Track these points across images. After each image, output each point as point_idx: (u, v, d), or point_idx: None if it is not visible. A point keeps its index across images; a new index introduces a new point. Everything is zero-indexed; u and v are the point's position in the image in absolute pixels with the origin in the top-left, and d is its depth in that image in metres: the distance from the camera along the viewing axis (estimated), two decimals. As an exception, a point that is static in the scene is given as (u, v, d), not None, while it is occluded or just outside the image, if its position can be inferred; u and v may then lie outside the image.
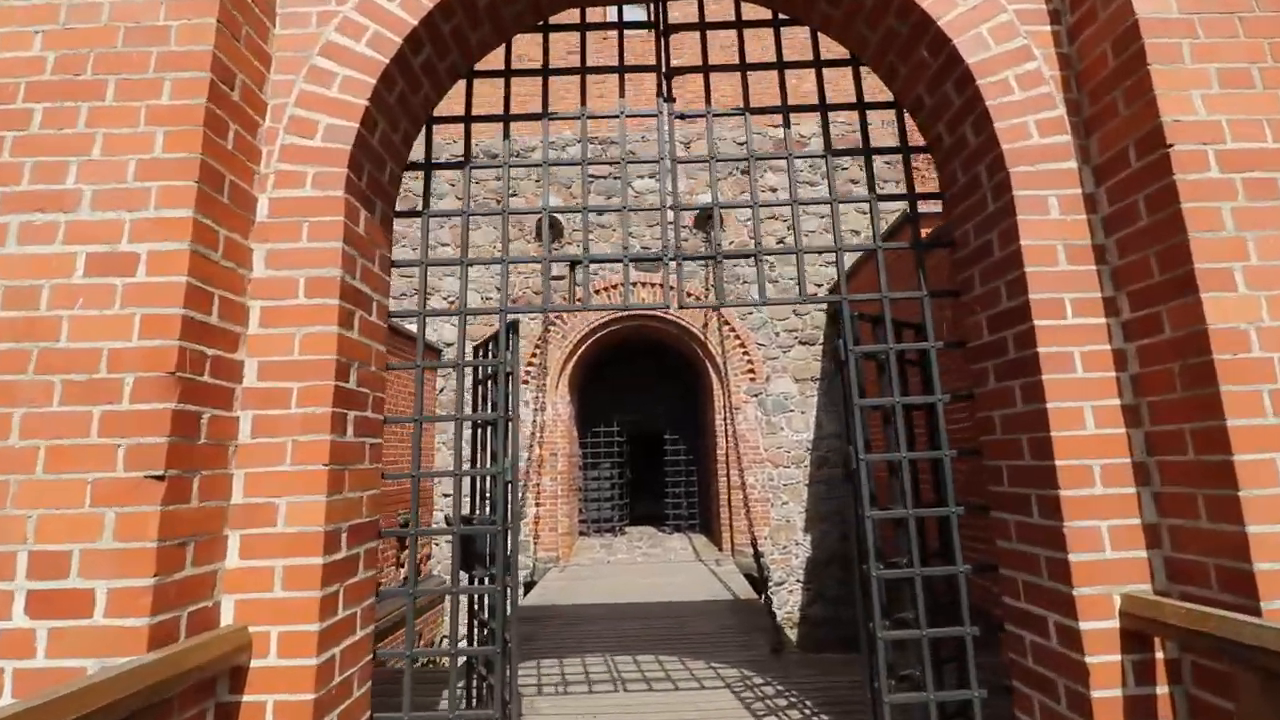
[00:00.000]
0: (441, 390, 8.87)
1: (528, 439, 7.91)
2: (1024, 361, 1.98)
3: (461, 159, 2.38)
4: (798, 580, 8.40)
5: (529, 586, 8.18)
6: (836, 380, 8.74)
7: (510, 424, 2.30)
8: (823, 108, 2.54)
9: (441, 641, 8.25)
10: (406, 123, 2.32)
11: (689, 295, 8.98)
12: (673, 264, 2.21)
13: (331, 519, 1.83)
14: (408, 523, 8.06)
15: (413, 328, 8.81)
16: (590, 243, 9.29)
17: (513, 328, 2.37)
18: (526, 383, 8.78)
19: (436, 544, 8.52)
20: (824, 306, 8.93)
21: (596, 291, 8.97)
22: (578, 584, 7.12)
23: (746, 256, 2.43)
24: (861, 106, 2.55)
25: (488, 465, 2.34)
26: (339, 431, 1.89)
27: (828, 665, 3.99)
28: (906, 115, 2.51)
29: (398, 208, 2.39)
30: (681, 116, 2.54)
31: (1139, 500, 1.84)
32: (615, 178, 9.35)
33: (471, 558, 2.48)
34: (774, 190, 9.28)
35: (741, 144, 9.37)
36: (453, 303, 9.09)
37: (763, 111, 2.57)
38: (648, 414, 11.01)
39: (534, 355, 8.79)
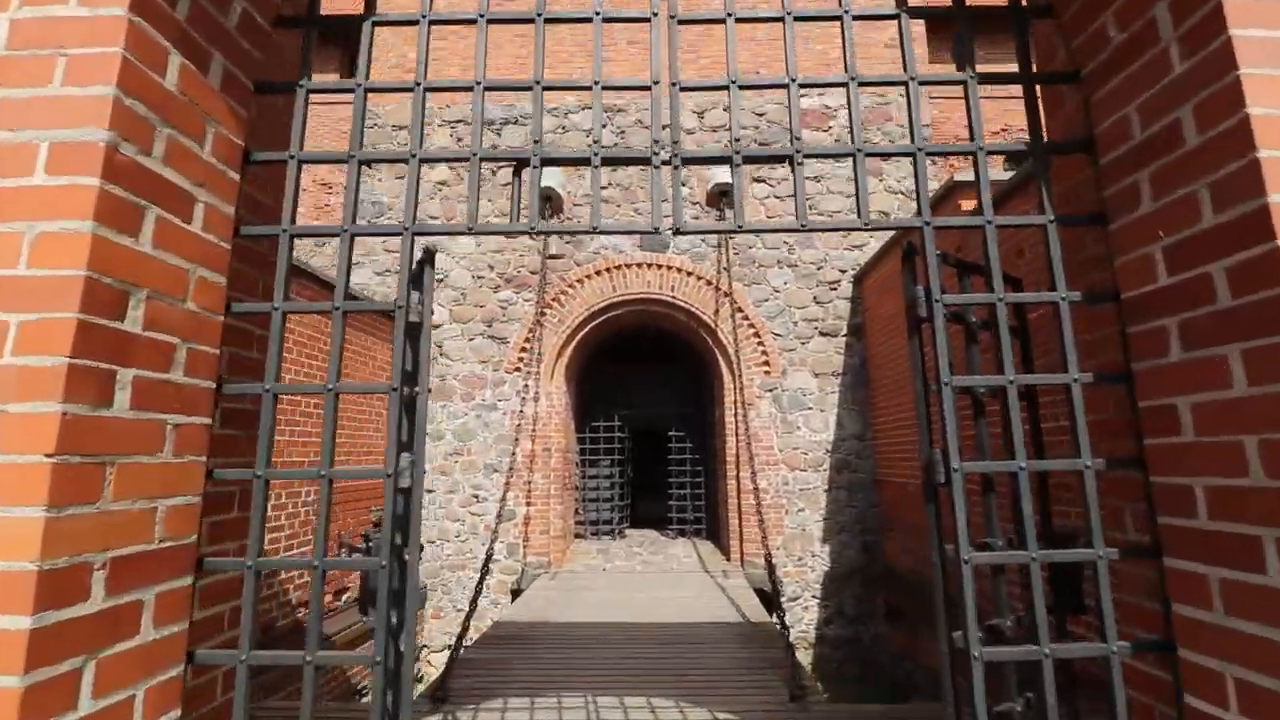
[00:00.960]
0: (427, 376, 8.12)
1: (513, 431, 7.15)
2: (1253, 312, 1.17)
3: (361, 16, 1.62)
4: (814, 596, 7.58)
5: (515, 594, 7.44)
6: (862, 374, 7.90)
7: (417, 399, 1.53)
8: (895, -49, 1.74)
9: (421, 651, 7.54)
10: (272, -56, 1.55)
11: (698, 278, 8.17)
12: (665, 170, 1.36)
13: (63, 547, 1.07)
14: (380, 522, 7.35)
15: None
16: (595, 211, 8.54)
17: (428, 260, 1.59)
18: (518, 369, 8.02)
19: (417, 544, 7.78)
20: (848, 294, 8.09)
21: (597, 273, 8.20)
22: (567, 595, 6.35)
23: (779, 160, 1.63)
24: (952, -51, 1.74)
25: (402, 461, 1.56)
26: (92, 399, 1.12)
27: (861, 722, 3.19)
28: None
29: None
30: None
31: None
32: (622, 147, 8.55)
33: (370, 597, 1.71)
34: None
35: (761, 114, 8.55)
36: (441, 279, 8.35)
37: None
38: (652, 408, 10.21)
39: (527, 341, 8.03)
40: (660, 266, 8.23)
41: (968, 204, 5.29)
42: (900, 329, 6.71)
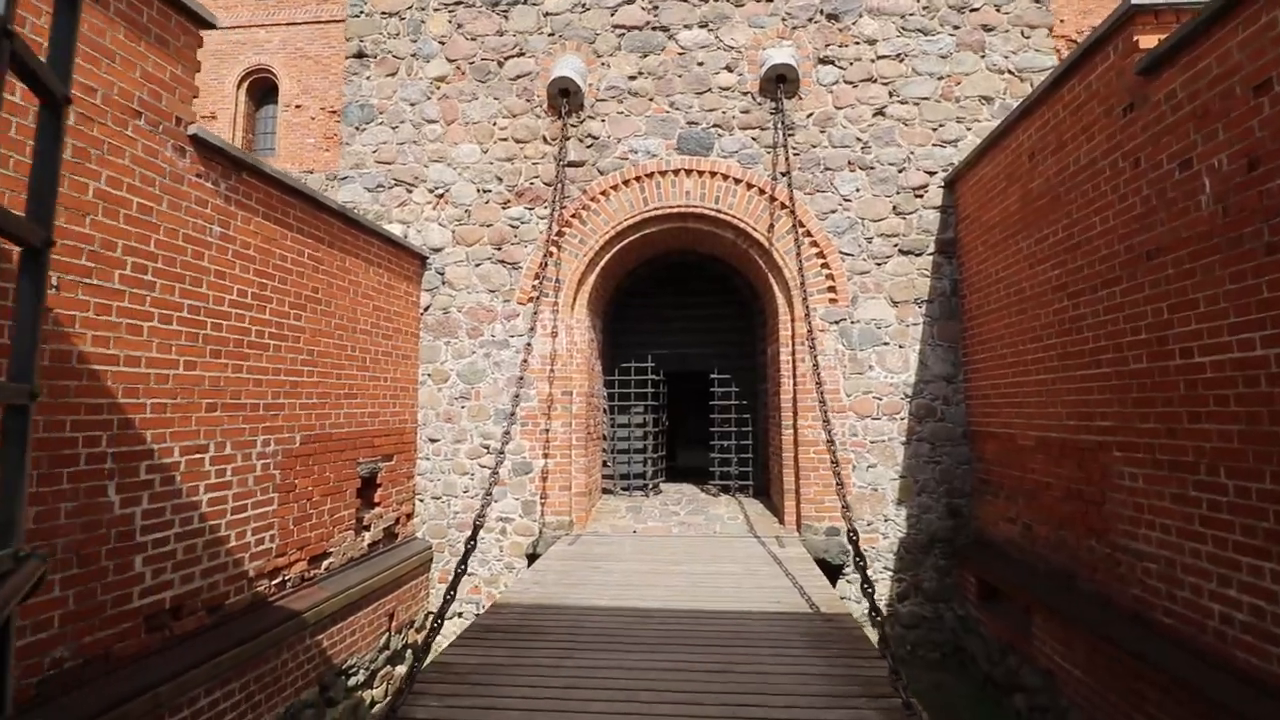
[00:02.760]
0: (427, 308, 6.97)
1: (519, 369, 5.94)
2: None
3: None
4: (885, 567, 6.34)
5: (531, 559, 6.42)
6: (952, 303, 6.38)
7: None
8: None
9: (426, 619, 6.65)
10: None
11: (748, 186, 6.67)
12: None
13: None
14: (373, 474, 6.32)
15: (393, 228, 6.87)
16: (620, 116, 7.06)
17: None
18: (533, 299, 6.77)
19: (421, 499, 6.81)
20: (938, 202, 6.48)
21: (625, 182, 6.79)
22: (588, 567, 5.25)
23: None
24: None
25: None
26: None
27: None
28: None
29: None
30: None
31: None
32: (653, 27, 6.98)
33: None
34: (872, 43, 6.73)
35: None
36: (441, 194, 7.07)
37: None
38: (693, 347, 8.89)
39: (542, 266, 6.74)
40: (702, 173, 6.76)
41: (1146, 39, 3.69)
42: (1013, 237, 5.16)
